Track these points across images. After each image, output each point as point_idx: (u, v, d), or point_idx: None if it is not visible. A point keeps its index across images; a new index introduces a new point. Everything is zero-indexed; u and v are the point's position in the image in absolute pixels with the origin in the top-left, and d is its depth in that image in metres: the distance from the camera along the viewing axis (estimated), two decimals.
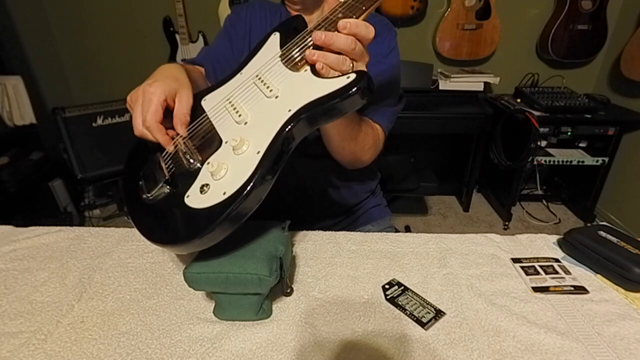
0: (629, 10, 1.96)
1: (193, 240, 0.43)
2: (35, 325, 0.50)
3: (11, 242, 0.67)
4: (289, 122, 0.44)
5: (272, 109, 0.47)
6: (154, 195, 0.51)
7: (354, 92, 0.43)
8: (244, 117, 0.49)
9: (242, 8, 0.82)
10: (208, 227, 0.42)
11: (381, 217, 0.91)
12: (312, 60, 0.47)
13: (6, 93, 1.82)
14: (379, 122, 0.73)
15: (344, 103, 0.43)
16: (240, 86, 0.54)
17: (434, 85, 2.02)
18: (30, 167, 1.91)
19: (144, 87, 0.52)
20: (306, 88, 0.46)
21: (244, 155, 0.46)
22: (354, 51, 0.45)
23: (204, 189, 0.46)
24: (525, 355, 0.46)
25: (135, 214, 0.52)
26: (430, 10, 2.09)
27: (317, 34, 0.46)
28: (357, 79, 0.43)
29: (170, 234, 0.47)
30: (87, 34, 2.24)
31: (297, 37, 0.52)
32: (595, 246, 0.60)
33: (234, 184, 0.43)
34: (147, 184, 0.52)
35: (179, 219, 0.47)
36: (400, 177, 1.17)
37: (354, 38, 0.45)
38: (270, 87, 0.49)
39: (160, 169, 0.52)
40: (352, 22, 0.45)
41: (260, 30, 0.78)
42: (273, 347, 0.47)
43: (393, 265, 0.61)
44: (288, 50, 0.52)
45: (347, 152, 0.68)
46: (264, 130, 0.46)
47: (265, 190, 0.45)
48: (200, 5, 2.13)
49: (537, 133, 1.83)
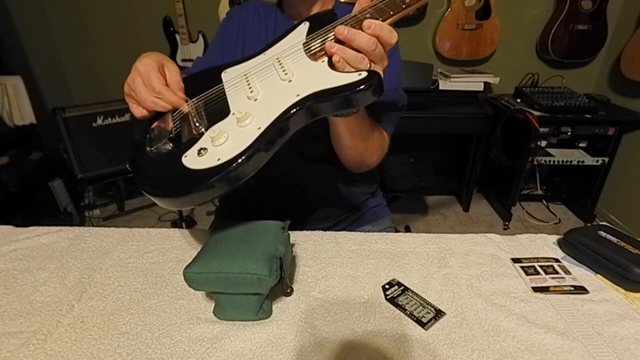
0: (629, 10, 1.96)
1: (181, 196, 0.47)
2: (35, 325, 0.50)
3: (11, 242, 0.67)
4: (295, 106, 0.46)
5: (282, 91, 0.49)
6: (156, 149, 0.53)
7: (362, 89, 0.44)
8: (255, 93, 0.51)
9: (235, 12, 0.81)
10: (196, 187, 0.45)
11: (381, 217, 0.91)
12: (330, 52, 0.47)
13: (6, 93, 1.82)
14: (384, 126, 0.73)
15: (350, 98, 0.45)
16: (260, 65, 0.56)
17: (434, 85, 2.02)
18: (30, 167, 1.91)
19: (135, 66, 0.55)
20: (318, 77, 0.48)
21: (245, 128, 0.48)
22: (373, 52, 0.46)
23: (201, 152, 0.48)
24: (525, 355, 0.46)
25: (136, 165, 0.55)
26: (430, 10, 2.09)
27: (340, 28, 0.47)
28: (368, 77, 0.44)
29: (162, 187, 0.50)
30: (87, 34, 2.24)
31: (322, 29, 0.53)
32: (595, 246, 0.60)
33: (229, 152, 0.46)
34: (152, 139, 0.55)
35: (172, 176, 0.49)
36: (400, 177, 1.17)
37: (375, 39, 0.46)
38: (286, 71, 0.51)
39: (168, 127, 0.55)
40: (377, 24, 0.46)
41: (254, 33, 0.78)
42: (273, 347, 0.47)
43: (393, 265, 0.61)
44: (311, 39, 0.53)
45: (355, 153, 0.68)
46: (270, 109, 0.48)
47: (255, 166, 0.47)
48: (200, 5, 2.13)
49: (537, 133, 1.83)
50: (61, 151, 2.02)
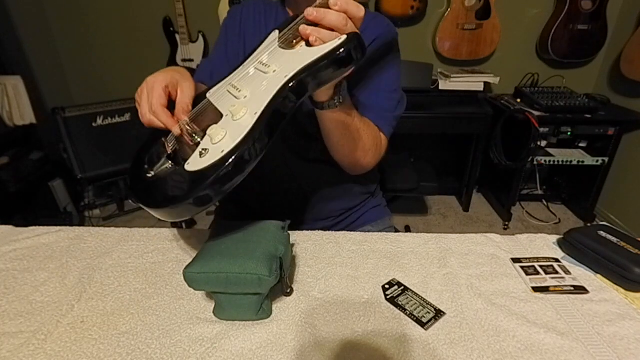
0: (629, 10, 1.96)
1: (191, 196, 0.45)
2: (35, 325, 0.50)
3: (11, 242, 0.67)
4: (287, 84, 0.47)
5: (269, 80, 0.50)
6: (157, 171, 0.53)
7: (347, 49, 0.45)
8: (243, 92, 0.51)
9: (237, 9, 0.81)
10: (206, 183, 0.44)
11: (381, 217, 0.91)
12: (305, 34, 0.48)
13: (6, 93, 1.82)
14: (379, 126, 0.72)
15: (338, 60, 0.46)
16: (240, 72, 0.57)
17: (434, 85, 2.02)
18: (30, 167, 1.91)
19: (147, 78, 0.56)
20: (302, 57, 0.48)
21: (241, 119, 0.48)
22: (345, 27, 0.47)
23: (202, 153, 0.48)
24: (525, 355, 0.46)
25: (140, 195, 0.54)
26: (430, 10, 2.09)
27: (309, 10, 0.48)
28: (349, 37, 0.46)
29: (172, 196, 0.48)
30: (87, 34, 2.24)
31: (292, 23, 0.54)
32: (595, 246, 0.60)
33: (232, 142, 0.46)
34: (151, 164, 0.55)
35: (179, 182, 0.49)
36: (400, 177, 1.17)
37: (345, 15, 0.47)
38: (268, 65, 0.52)
39: (164, 149, 0.55)
40: (342, 0, 0.46)
41: (255, 30, 0.78)
42: (273, 347, 0.47)
43: (393, 265, 0.61)
44: (284, 34, 0.54)
45: (346, 151, 0.68)
46: (262, 96, 0.48)
47: (261, 147, 0.46)
48: (200, 5, 2.13)
49: (537, 133, 1.83)
50: (61, 151, 2.02)
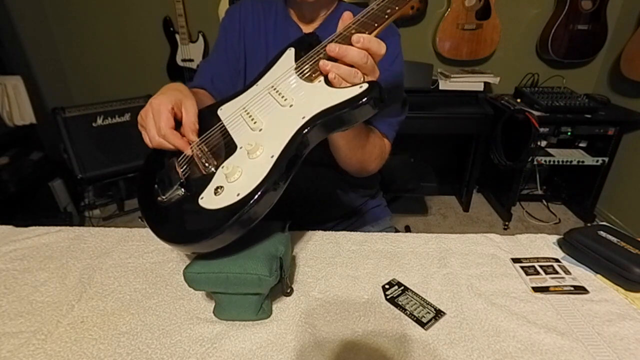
0: (629, 10, 1.96)
1: (204, 240, 0.45)
2: (35, 325, 0.50)
3: (11, 242, 0.67)
4: (304, 128, 0.46)
5: (286, 117, 0.49)
6: (168, 197, 0.52)
7: (366, 100, 0.44)
8: (258, 124, 0.50)
9: (235, 9, 0.81)
10: (220, 228, 0.43)
11: (381, 217, 0.91)
12: (325, 70, 0.48)
13: (6, 93, 1.82)
14: (384, 132, 0.73)
15: (356, 111, 0.45)
16: (256, 96, 0.56)
17: (434, 85, 2.02)
18: (30, 167, 1.91)
19: (150, 101, 0.55)
20: (320, 97, 0.47)
21: (258, 159, 0.47)
22: (365, 65, 0.46)
23: (217, 191, 0.47)
24: (525, 355, 0.46)
25: (149, 216, 0.53)
26: (430, 10, 2.09)
27: (331, 46, 0.48)
28: (369, 88, 0.45)
29: (183, 233, 0.48)
30: (87, 34, 2.24)
31: (311, 51, 0.53)
32: (595, 246, 0.60)
33: (247, 186, 0.45)
34: (162, 187, 0.54)
35: (192, 219, 0.48)
36: (400, 177, 1.17)
37: (366, 52, 0.46)
38: (284, 97, 0.51)
39: (176, 173, 0.54)
40: (365, 37, 0.46)
41: (254, 29, 0.78)
42: (273, 347, 0.47)
43: (393, 265, 0.61)
44: (302, 63, 0.53)
45: (354, 162, 0.68)
46: (278, 136, 0.47)
47: (277, 194, 0.46)
48: (200, 5, 2.13)
49: (537, 133, 1.83)
50: (61, 151, 2.02)
